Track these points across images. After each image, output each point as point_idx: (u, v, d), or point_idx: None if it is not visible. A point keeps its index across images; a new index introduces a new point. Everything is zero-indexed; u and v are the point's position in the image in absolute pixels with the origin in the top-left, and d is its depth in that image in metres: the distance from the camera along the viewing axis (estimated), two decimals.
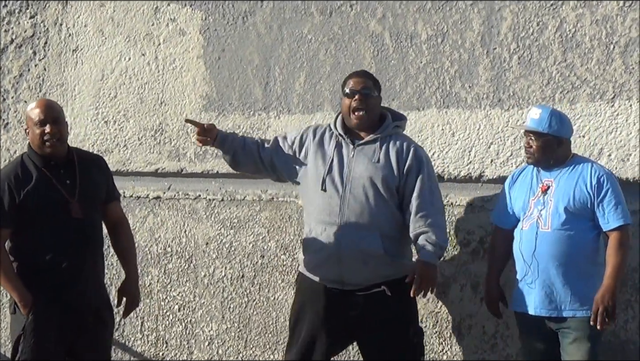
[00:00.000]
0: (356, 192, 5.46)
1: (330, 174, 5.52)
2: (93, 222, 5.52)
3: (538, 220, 5.28)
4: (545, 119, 5.29)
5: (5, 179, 5.37)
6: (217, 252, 6.59)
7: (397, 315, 5.51)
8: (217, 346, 6.61)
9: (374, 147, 5.52)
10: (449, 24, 6.07)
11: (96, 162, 5.69)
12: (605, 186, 5.22)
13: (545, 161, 5.33)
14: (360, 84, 5.53)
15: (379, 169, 5.48)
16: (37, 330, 5.34)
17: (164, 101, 6.73)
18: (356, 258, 5.44)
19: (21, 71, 7.08)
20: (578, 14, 5.83)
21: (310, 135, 5.66)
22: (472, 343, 6.07)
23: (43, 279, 5.36)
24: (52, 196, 5.38)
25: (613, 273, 5.16)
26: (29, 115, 5.48)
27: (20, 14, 7.07)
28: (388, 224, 5.49)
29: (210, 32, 6.59)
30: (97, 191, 5.59)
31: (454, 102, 6.08)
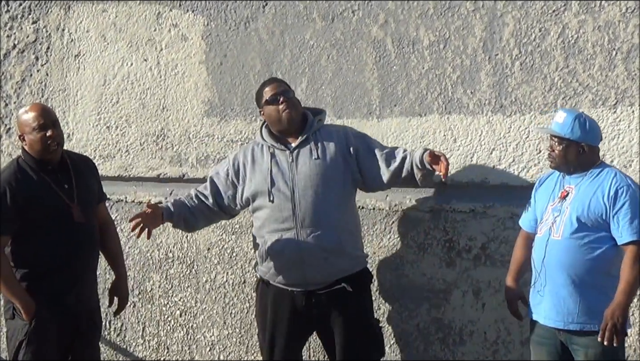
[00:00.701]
0: (305, 193, 5.61)
1: (274, 184, 5.65)
2: (93, 225, 5.56)
3: (552, 227, 5.19)
4: (568, 124, 5.15)
5: (5, 185, 5.34)
6: (219, 257, 6.59)
7: (357, 309, 5.70)
8: (219, 351, 6.61)
9: (309, 146, 5.68)
10: (451, 29, 6.07)
11: (87, 163, 5.71)
12: (622, 198, 5.07)
13: (566, 167, 5.21)
14: (279, 88, 5.71)
15: (322, 165, 5.64)
16: (39, 335, 5.36)
17: (165, 107, 6.73)
18: (317, 256, 5.59)
19: (23, 76, 7.08)
20: (580, 20, 5.82)
21: (240, 158, 5.80)
22: (474, 349, 6.06)
23: (44, 285, 5.38)
24: (53, 200, 5.40)
25: (626, 289, 5.03)
26: (24, 120, 5.45)
27: (23, 19, 7.08)
28: (340, 216, 5.66)
29: (212, 38, 6.60)
30: (92, 193, 5.62)
31: (456, 108, 6.07)
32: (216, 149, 6.60)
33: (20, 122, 5.49)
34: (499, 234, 5.93)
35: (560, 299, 5.16)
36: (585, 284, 5.12)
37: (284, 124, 5.68)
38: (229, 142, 6.56)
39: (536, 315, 5.28)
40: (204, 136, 6.63)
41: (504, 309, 5.89)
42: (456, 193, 6.07)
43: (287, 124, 5.68)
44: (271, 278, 5.74)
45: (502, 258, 5.91)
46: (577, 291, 5.13)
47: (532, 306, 5.33)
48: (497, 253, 5.95)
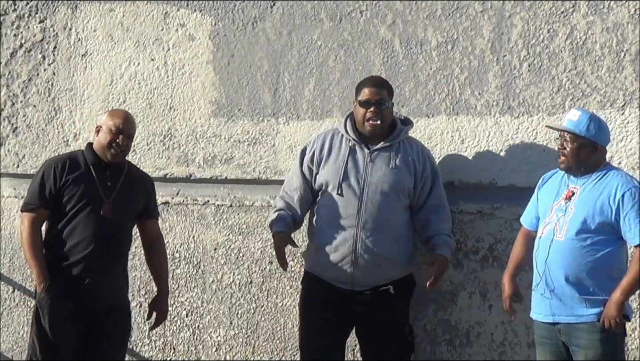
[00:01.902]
0: (374, 197, 5.66)
1: (346, 179, 5.70)
2: (121, 225, 5.75)
3: (555, 227, 5.19)
4: (583, 122, 5.15)
5: (52, 164, 5.71)
6: (226, 258, 6.59)
7: (397, 313, 5.79)
8: (225, 352, 6.61)
9: (390, 153, 5.72)
10: (459, 30, 6.06)
11: (143, 178, 5.98)
12: (631, 201, 5.06)
13: (577, 166, 5.19)
14: (376, 95, 5.70)
15: (397, 175, 5.69)
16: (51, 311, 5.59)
17: (173, 106, 6.73)
18: (371, 260, 5.66)
19: (30, 76, 7.08)
20: (589, 22, 5.81)
21: (317, 145, 5.84)
22: (481, 350, 6.06)
23: (63, 268, 5.62)
24: (88, 190, 5.66)
25: (626, 287, 5.05)
26: (109, 119, 5.74)
27: (30, 18, 7.07)
28: (402, 228, 5.74)
29: (219, 38, 6.59)
30: (133, 201, 5.82)
31: (464, 109, 6.07)
32: (223, 149, 6.59)
33: (104, 118, 5.79)
34: (507, 236, 5.92)
35: (561, 297, 5.16)
36: (587, 285, 5.12)
37: (363, 130, 5.74)
38: (236, 142, 6.56)
39: (537, 314, 5.30)
40: (211, 136, 6.62)
41: None
42: (464, 194, 6.07)
43: (368, 133, 5.73)
44: (319, 271, 5.80)
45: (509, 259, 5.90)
46: (578, 291, 5.13)
47: (533, 306, 5.33)
48: (505, 254, 5.93)
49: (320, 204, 5.81)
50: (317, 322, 5.82)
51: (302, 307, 5.98)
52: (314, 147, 5.85)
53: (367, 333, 5.82)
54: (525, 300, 5.48)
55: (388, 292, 5.73)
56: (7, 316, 7.05)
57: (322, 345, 5.83)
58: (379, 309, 5.73)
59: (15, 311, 7.03)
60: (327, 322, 5.79)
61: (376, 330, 5.76)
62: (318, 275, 5.83)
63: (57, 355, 5.61)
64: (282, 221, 5.84)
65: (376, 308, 5.73)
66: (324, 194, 5.78)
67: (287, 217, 5.85)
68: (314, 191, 5.87)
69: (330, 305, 5.77)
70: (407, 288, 5.84)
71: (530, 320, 5.47)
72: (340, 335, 5.89)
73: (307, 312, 5.90)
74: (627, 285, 5.06)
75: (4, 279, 7.05)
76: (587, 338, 5.13)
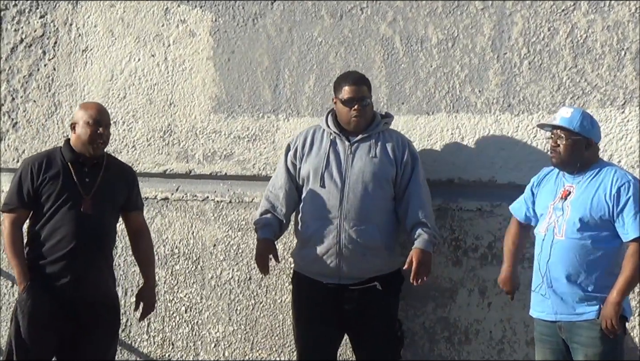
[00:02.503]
0: (355, 186, 5.73)
1: (328, 170, 5.79)
2: (102, 220, 5.71)
3: (554, 227, 5.18)
4: (577, 118, 5.16)
5: (29, 164, 5.70)
6: (225, 254, 6.59)
7: (386, 309, 5.84)
8: (224, 348, 6.61)
9: (369, 143, 5.80)
10: (460, 28, 6.06)
11: (123, 171, 5.94)
12: (625, 195, 5.06)
13: (571, 163, 5.19)
14: (358, 93, 5.78)
15: (377, 164, 5.76)
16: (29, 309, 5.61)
17: (173, 102, 6.72)
18: (356, 250, 5.71)
19: (30, 71, 7.08)
20: (589, 20, 5.81)
21: (300, 141, 5.93)
22: (480, 348, 6.06)
23: (44, 266, 5.62)
24: (66, 188, 5.63)
25: (622, 287, 5.04)
26: (83, 113, 5.71)
27: (30, 13, 7.07)
28: (385, 217, 5.79)
29: (220, 34, 6.59)
30: (114, 194, 5.79)
31: (464, 107, 6.07)
32: (223, 146, 6.59)
33: (77, 112, 5.77)
34: None
35: (562, 296, 5.16)
36: (588, 283, 5.12)
37: (350, 128, 5.82)
38: (235, 138, 6.56)
39: (538, 313, 5.29)
40: (210, 132, 6.62)
41: (510, 308, 5.91)
42: (463, 192, 6.07)
43: (353, 129, 5.81)
44: (306, 267, 5.86)
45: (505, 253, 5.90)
46: (579, 289, 5.13)
47: (534, 305, 5.33)
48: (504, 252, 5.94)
49: (304, 200, 5.88)
50: (308, 321, 5.87)
51: (293, 307, 6.03)
52: (297, 144, 5.92)
53: (357, 330, 5.86)
54: (523, 297, 5.48)
55: (375, 288, 5.78)
56: (6, 311, 7.04)
57: (315, 343, 5.88)
58: (367, 305, 5.77)
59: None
60: (318, 321, 5.83)
61: (366, 327, 5.81)
62: (306, 273, 5.88)
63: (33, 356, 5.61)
64: (268, 228, 5.90)
65: (365, 304, 5.77)
66: (307, 188, 5.84)
67: (274, 222, 5.91)
68: (299, 188, 5.92)
69: (319, 303, 5.82)
70: (395, 283, 5.88)
71: (529, 318, 5.48)
72: (332, 332, 5.91)
73: (298, 312, 5.95)
74: (623, 284, 5.06)
75: (3, 275, 7.05)
76: (587, 335, 5.13)
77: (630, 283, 5.07)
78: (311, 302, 5.85)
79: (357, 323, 5.83)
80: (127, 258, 6.67)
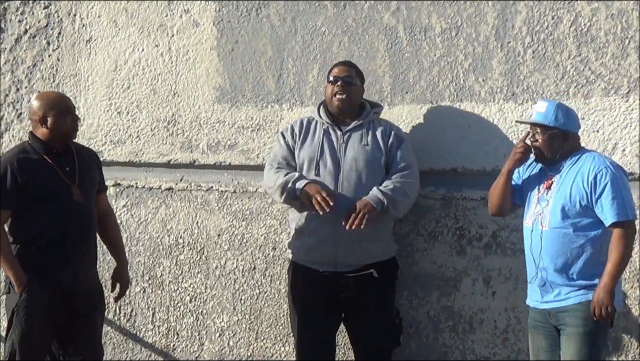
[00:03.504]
0: (349, 174, 5.80)
1: (322, 159, 5.84)
2: (91, 207, 5.72)
3: (539, 218, 5.22)
4: (551, 112, 5.19)
5: (7, 163, 5.55)
6: (229, 244, 6.59)
7: (382, 297, 5.87)
8: (228, 337, 6.62)
9: (361, 132, 5.87)
10: (463, 17, 6.05)
11: (91, 154, 5.91)
12: (602, 181, 5.09)
13: (551, 156, 5.23)
14: (344, 72, 5.89)
15: (369, 152, 5.83)
16: (29, 307, 5.52)
17: (177, 92, 6.73)
18: (351, 238, 5.74)
19: (35, 61, 7.08)
20: (593, 8, 5.80)
21: (297, 126, 5.98)
22: (484, 337, 6.06)
23: (39, 260, 5.54)
24: (53, 181, 5.58)
25: (612, 271, 5.05)
26: (54, 104, 5.63)
27: (34, 4, 7.08)
28: None
29: (223, 24, 6.59)
30: (94, 179, 5.78)
31: (468, 96, 6.06)
32: (227, 135, 6.59)
33: (43, 105, 5.64)
34: (510, 223, 5.91)
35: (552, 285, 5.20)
36: (575, 270, 5.15)
37: (332, 107, 5.90)
38: (239, 128, 6.56)
39: (534, 302, 5.33)
40: (214, 122, 6.63)
41: (514, 297, 5.91)
42: (467, 181, 6.06)
43: (336, 108, 5.89)
44: (303, 256, 5.90)
45: (512, 246, 5.90)
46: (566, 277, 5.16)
47: (530, 294, 5.37)
48: (508, 241, 5.94)
49: None
50: (306, 310, 5.90)
51: (289, 296, 6.04)
52: (294, 129, 5.95)
53: (354, 318, 5.90)
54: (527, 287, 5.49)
55: (372, 276, 5.82)
56: None
57: (313, 332, 5.90)
58: (363, 292, 5.82)
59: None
60: (315, 309, 5.87)
61: (362, 314, 5.85)
62: (302, 262, 5.91)
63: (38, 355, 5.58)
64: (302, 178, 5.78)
65: (361, 291, 5.82)
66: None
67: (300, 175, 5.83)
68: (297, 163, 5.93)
69: (316, 292, 5.85)
70: (391, 270, 5.93)
71: None
72: (330, 321, 5.96)
73: (295, 301, 5.96)
74: (613, 269, 5.08)
75: None
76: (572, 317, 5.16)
77: (619, 266, 5.09)
78: (308, 291, 5.87)
79: (354, 310, 5.87)
80: (131, 248, 6.70)
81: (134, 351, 6.84)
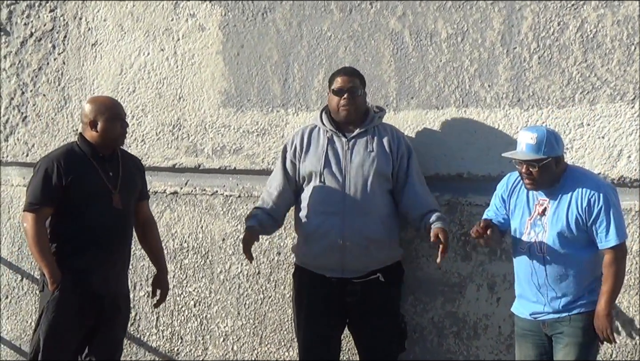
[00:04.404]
0: (355, 180, 5.81)
1: (327, 167, 5.85)
2: (129, 214, 5.79)
3: (535, 244, 5.22)
4: (542, 144, 5.10)
5: (55, 161, 5.63)
6: (234, 248, 6.59)
7: (388, 301, 5.89)
8: (232, 342, 6.61)
9: (366, 138, 5.87)
10: (469, 22, 6.05)
11: (136, 162, 6.00)
12: (596, 207, 5.10)
13: (546, 184, 5.18)
14: (348, 83, 5.87)
15: (375, 158, 5.83)
16: (58, 307, 5.58)
17: (182, 97, 6.73)
18: (359, 244, 5.77)
19: (40, 65, 7.09)
20: (599, 14, 5.80)
21: (297, 140, 5.97)
22: (488, 343, 6.05)
23: (74, 261, 5.60)
24: (97, 184, 5.66)
25: (607, 296, 5.10)
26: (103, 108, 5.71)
27: (40, 7, 7.08)
28: (385, 209, 5.86)
29: (229, 28, 6.59)
30: (135, 187, 5.86)
31: (473, 102, 6.06)
32: (232, 140, 6.60)
33: (95, 109, 5.71)
34: None
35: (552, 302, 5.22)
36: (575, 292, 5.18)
37: (339, 119, 5.89)
38: (245, 132, 6.56)
39: (524, 313, 5.33)
40: (220, 126, 6.63)
41: None
42: (472, 187, 6.06)
43: (343, 118, 5.88)
44: (309, 262, 5.91)
45: None
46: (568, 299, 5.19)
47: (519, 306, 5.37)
48: None
49: (304, 196, 5.93)
50: (310, 315, 5.90)
51: (294, 301, 6.05)
52: (295, 143, 5.98)
53: (360, 323, 5.90)
54: None
55: (378, 280, 5.83)
56: (15, 304, 7.08)
57: (317, 336, 5.91)
58: (369, 297, 5.83)
59: (23, 300, 7.05)
60: (320, 314, 5.88)
61: (368, 318, 5.85)
62: (308, 267, 5.93)
63: (60, 355, 5.62)
64: (254, 218, 5.93)
65: (367, 296, 5.82)
66: (308, 185, 5.90)
67: (261, 214, 5.94)
68: (297, 185, 5.97)
69: (322, 296, 5.86)
70: (396, 275, 5.95)
71: None
72: (334, 326, 5.96)
73: (300, 306, 5.97)
74: (608, 295, 5.11)
75: (12, 268, 7.07)
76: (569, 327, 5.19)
77: (614, 291, 5.13)
78: (314, 296, 5.88)
79: (359, 315, 5.87)
80: (136, 252, 6.67)
81: (137, 355, 6.84)
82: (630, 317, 5.76)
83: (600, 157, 5.80)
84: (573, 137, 5.85)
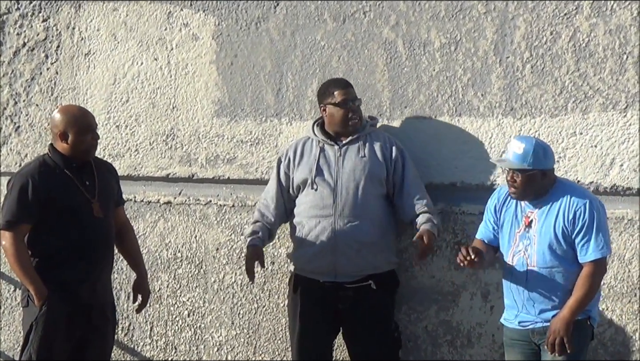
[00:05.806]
0: (348, 185, 5.87)
1: (319, 174, 5.92)
2: (109, 221, 5.73)
3: (524, 256, 5.23)
4: (529, 154, 5.12)
5: (29, 177, 5.54)
6: (228, 258, 6.59)
7: (381, 308, 5.91)
8: (226, 352, 6.61)
9: (358, 145, 5.94)
10: (462, 32, 6.07)
11: (109, 167, 5.92)
12: (580, 220, 5.12)
13: (531, 195, 5.20)
14: (351, 95, 5.95)
15: (367, 162, 5.90)
16: (48, 321, 5.52)
17: (175, 106, 6.73)
18: (350, 246, 5.83)
19: (33, 74, 7.08)
20: (592, 24, 5.82)
21: (290, 152, 6.05)
22: (482, 351, 6.07)
23: (59, 274, 5.55)
24: (75, 195, 5.58)
25: (573, 306, 5.11)
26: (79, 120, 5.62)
27: (33, 17, 7.08)
28: (378, 213, 5.91)
29: (223, 38, 6.60)
30: (112, 193, 5.80)
31: (466, 111, 6.08)
32: (226, 150, 6.60)
33: (65, 120, 5.62)
34: None
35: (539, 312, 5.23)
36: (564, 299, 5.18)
37: (347, 130, 5.94)
38: (238, 142, 6.57)
39: (512, 323, 5.34)
40: (213, 136, 6.63)
41: None
42: (465, 195, 6.08)
43: (352, 129, 5.93)
44: (302, 266, 5.96)
45: None
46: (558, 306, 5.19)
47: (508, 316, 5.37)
48: None
49: (298, 202, 6.00)
50: (304, 322, 5.94)
51: (289, 308, 6.10)
52: (289, 155, 6.04)
53: (353, 332, 5.93)
54: None
55: (370, 287, 5.86)
56: (8, 315, 7.06)
57: (310, 344, 5.95)
58: (362, 304, 5.86)
59: (16, 310, 7.04)
60: (314, 321, 5.92)
61: (360, 326, 5.88)
62: (303, 272, 5.98)
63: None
64: (256, 236, 5.98)
65: (359, 303, 5.86)
66: (301, 193, 5.98)
67: (263, 230, 6.01)
68: (292, 196, 6.03)
69: (315, 302, 5.91)
70: (390, 283, 5.97)
71: None
72: (328, 333, 6.02)
73: (294, 312, 6.01)
74: (575, 304, 5.13)
75: (5, 279, 7.06)
76: None
77: (581, 302, 5.14)
78: (308, 301, 5.92)
79: (352, 324, 5.90)
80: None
81: None
82: (622, 325, 5.78)
83: (592, 165, 5.82)
84: (566, 146, 5.87)
